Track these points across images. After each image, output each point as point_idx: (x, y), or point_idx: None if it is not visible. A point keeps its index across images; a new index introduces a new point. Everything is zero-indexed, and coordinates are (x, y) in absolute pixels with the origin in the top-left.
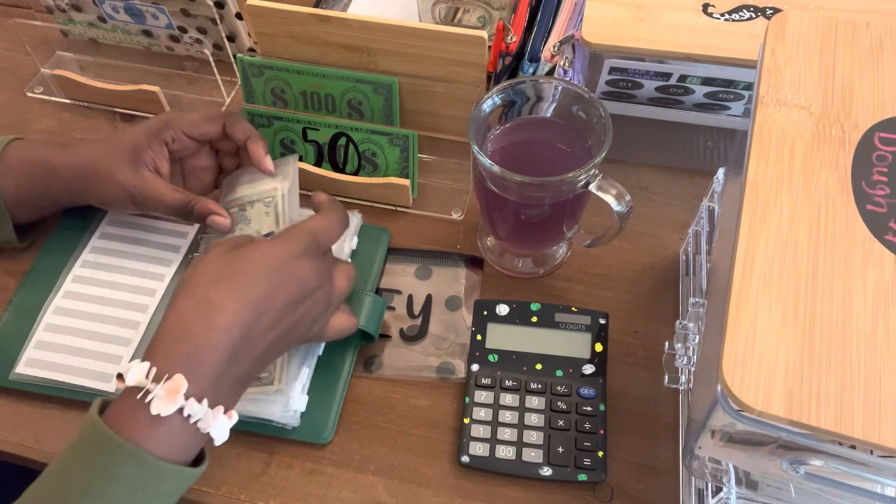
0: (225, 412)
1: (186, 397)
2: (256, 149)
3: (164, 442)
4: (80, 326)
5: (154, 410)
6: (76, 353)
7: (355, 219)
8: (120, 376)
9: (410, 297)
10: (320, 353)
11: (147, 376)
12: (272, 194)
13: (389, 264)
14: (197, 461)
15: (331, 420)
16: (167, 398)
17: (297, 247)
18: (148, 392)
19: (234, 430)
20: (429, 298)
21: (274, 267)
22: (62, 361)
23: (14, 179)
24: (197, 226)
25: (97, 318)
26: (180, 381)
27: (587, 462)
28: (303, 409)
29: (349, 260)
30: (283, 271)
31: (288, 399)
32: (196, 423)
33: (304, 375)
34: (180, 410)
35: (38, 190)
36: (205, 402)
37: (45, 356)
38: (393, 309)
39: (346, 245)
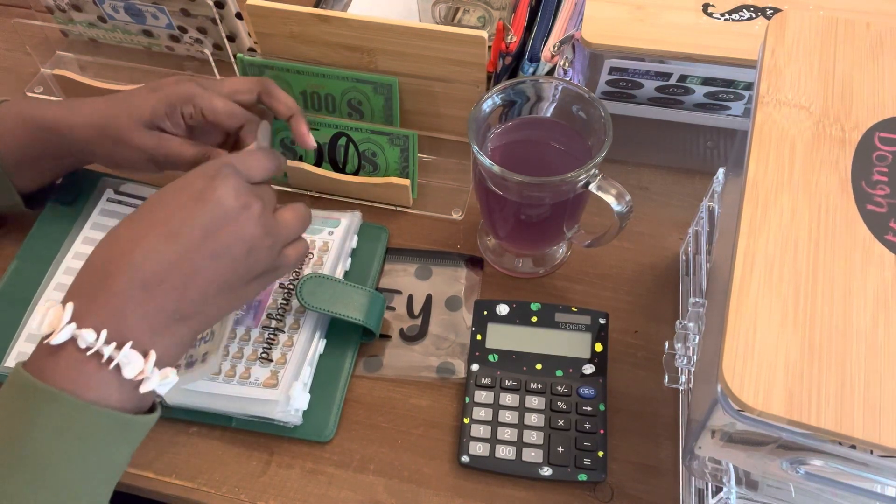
0: (147, 352)
1: (80, 326)
2: (299, 126)
3: (85, 384)
4: None
5: (47, 339)
6: None
7: (355, 217)
8: None
9: (411, 297)
10: (321, 351)
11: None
12: None
13: (390, 264)
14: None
15: (332, 418)
16: (51, 326)
17: (209, 169)
18: (41, 323)
19: (234, 430)
20: (429, 298)
21: (179, 197)
22: None
23: (11, 139)
24: None
25: None
26: (67, 308)
27: (587, 462)
28: (305, 408)
29: (349, 255)
30: (190, 196)
31: (289, 398)
32: (104, 360)
33: (306, 374)
34: (74, 342)
35: (38, 150)
36: (103, 333)
37: None
38: (393, 309)
39: (346, 244)
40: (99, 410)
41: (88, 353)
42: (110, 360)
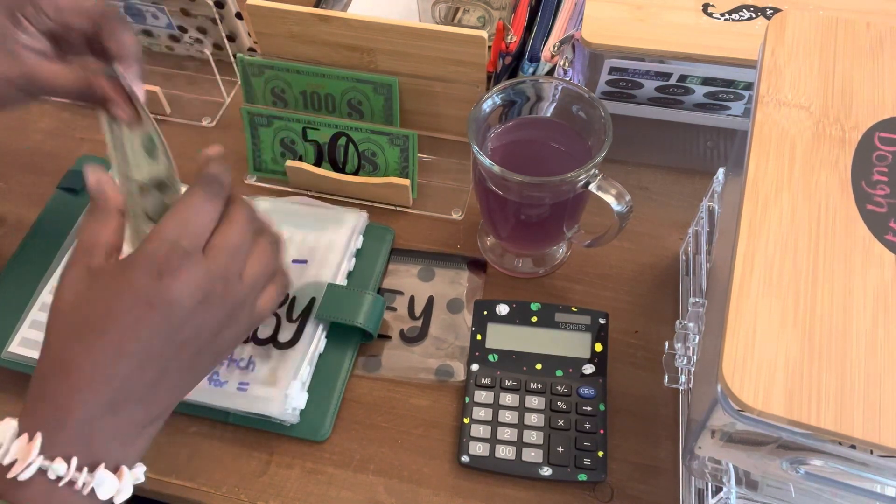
0: (119, 467)
1: (49, 458)
2: (128, 70)
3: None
4: None
5: (11, 473)
6: None
7: (361, 218)
8: None
9: (412, 299)
10: (321, 350)
11: (11, 437)
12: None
13: (393, 265)
14: None
15: (328, 417)
16: (21, 461)
17: (150, 265)
18: (6, 453)
19: (234, 428)
20: (430, 300)
21: (128, 302)
22: None
23: None
24: None
25: None
26: (35, 441)
27: (587, 462)
28: (302, 407)
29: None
30: (139, 304)
31: (287, 397)
32: (78, 486)
33: (305, 373)
34: (44, 472)
35: None
36: (73, 461)
37: (39, 336)
38: (394, 310)
39: (350, 244)
40: None
41: (60, 483)
42: (84, 484)
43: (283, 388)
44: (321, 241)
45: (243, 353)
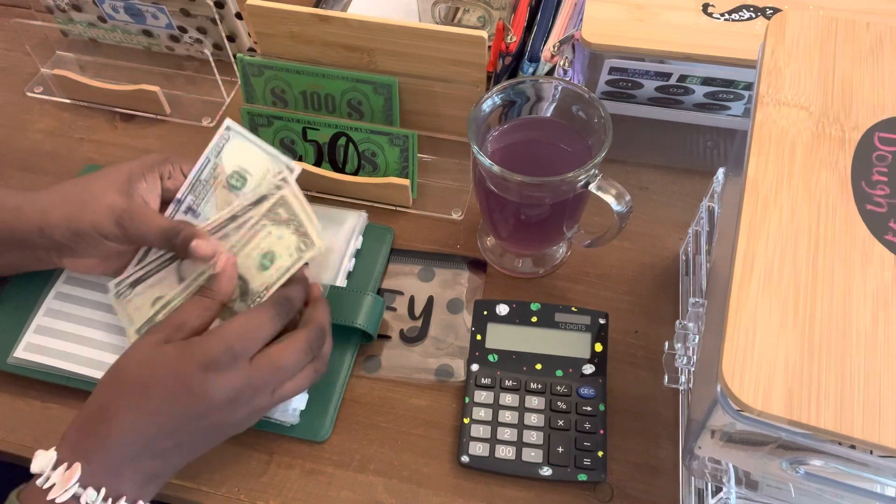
0: (136, 502)
1: (83, 486)
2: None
3: None
4: (81, 314)
5: (51, 496)
6: (76, 341)
7: (361, 218)
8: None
9: (412, 299)
10: None
11: (52, 465)
12: (277, 198)
13: (393, 265)
14: None
15: (328, 418)
16: (61, 485)
17: (201, 356)
18: (48, 479)
19: None
20: (430, 300)
21: (172, 381)
22: (61, 348)
23: None
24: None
25: (98, 305)
26: (75, 469)
27: (587, 462)
28: (303, 408)
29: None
30: (181, 386)
31: (288, 402)
32: None
33: None
34: (77, 498)
35: None
36: (102, 490)
37: (44, 342)
38: (394, 310)
39: (350, 244)
40: None
41: None
42: None
43: None
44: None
45: None
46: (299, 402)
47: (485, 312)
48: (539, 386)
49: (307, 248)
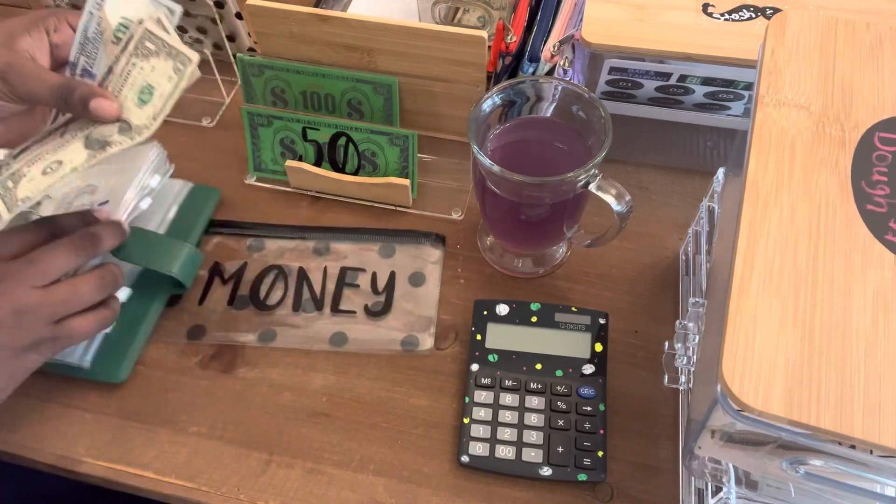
0: None
1: None
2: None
3: None
4: None
5: None
6: None
7: (154, 151)
8: None
9: (374, 275)
10: (123, 299)
11: None
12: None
13: (353, 244)
14: None
15: (126, 360)
16: None
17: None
18: None
19: (234, 428)
20: (392, 275)
21: None
22: None
23: None
24: None
25: None
26: None
27: (587, 462)
28: (85, 344)
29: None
30: None
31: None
32: None
33: None
34: None
35: None
36: None
37: None
38: (357, 286)
39: (142, 178)
40: None
41: None
42: None
43: None
44: (122, 182)
45: None
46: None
47: (485, 312)
48: (539, 386)
49: (185, 65)
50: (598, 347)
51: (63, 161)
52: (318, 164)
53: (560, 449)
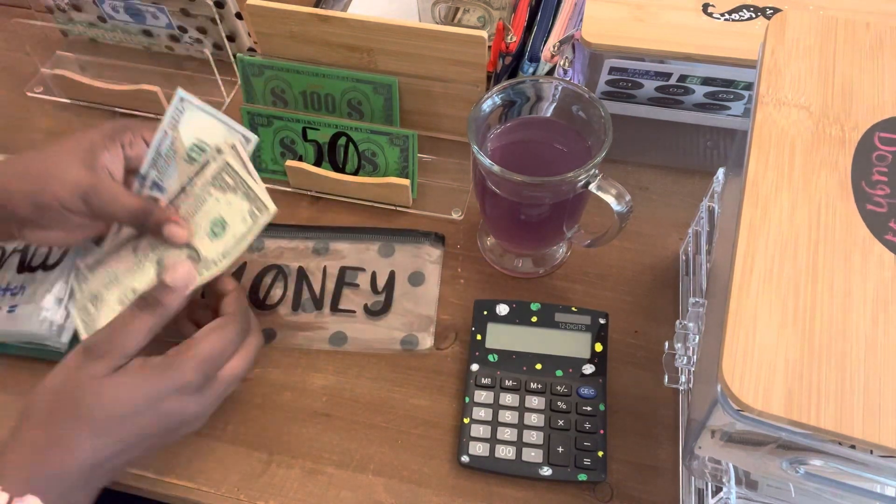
0: None
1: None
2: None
3: None
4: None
5: None
6: None
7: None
8: None
9: (374, 274)
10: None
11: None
12: (222, 165)
13: (353, 243)
14: None
15: None
16: None
17: (178, 383)
18: None
19: (234, 428)
20: (392, 274)
21: (142, 408)
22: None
23: None
24: None
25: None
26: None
27: (587, 462)
28: (60, 322)
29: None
30: (153, 411)
31: (41, 310)
32: None
33: (59, 289)
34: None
35: None
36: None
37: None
38: (357, 286)
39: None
40: None
41: None
42: None
43: (36, 301)
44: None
45: (14, 280)
46: (54, 314)
47: (485, 312)
48: (539, 386)
49: (261, 213)
50: (598, 347)
51: (137, 290)
52: (318, 164)
53: (560, 449)
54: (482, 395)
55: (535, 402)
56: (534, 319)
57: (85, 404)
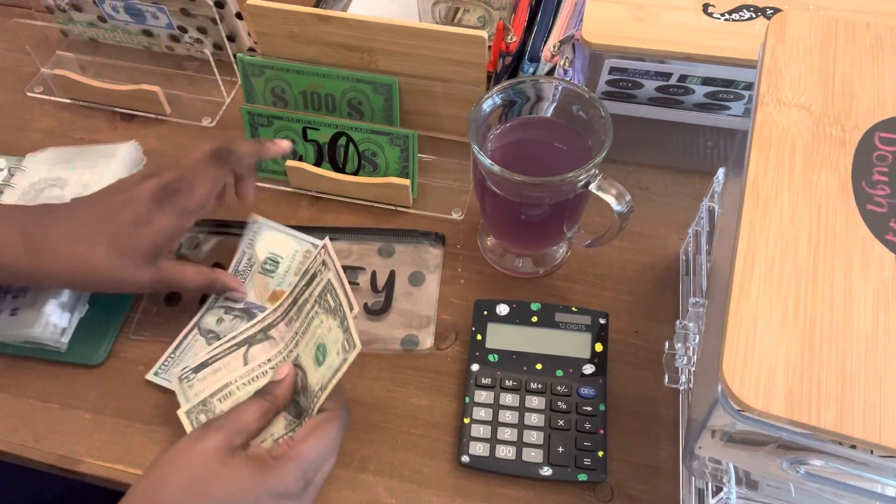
0: None
1: None
2: (268, 149)
3: None
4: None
5: None
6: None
7: (131, 149)
8: None
9: (374, 274)
10: None
11: None
12: (319, 283)
13: (353, 243)
14: None
15: (105, 343)
16: None
17: (279, 489)
18: None
19: None
20: (392, 274)
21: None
22: None
23: None
24: None
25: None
26: None
27: (587, 462)
28: (64, 325)
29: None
30: None
31: (44, 314)
32: None
33: (62, 293)
34: None
35: None
36: None
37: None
38: (357, 285)
39: (121, 175)
40: None
41: None
42: None
43: (39, 307)
44: (94, 177)
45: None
46: (59, 319)
47: (485, 312)
48: (539, 386)
49: (350, 348)
50: (599, 347)
51: (274, 435)
52: (318, 164)
53: (560, 449)
54: (482, 395)
55: (535, 402)
56: (534, 319)
57: (186, 476)
